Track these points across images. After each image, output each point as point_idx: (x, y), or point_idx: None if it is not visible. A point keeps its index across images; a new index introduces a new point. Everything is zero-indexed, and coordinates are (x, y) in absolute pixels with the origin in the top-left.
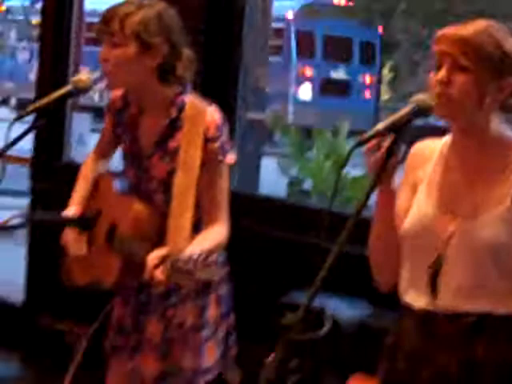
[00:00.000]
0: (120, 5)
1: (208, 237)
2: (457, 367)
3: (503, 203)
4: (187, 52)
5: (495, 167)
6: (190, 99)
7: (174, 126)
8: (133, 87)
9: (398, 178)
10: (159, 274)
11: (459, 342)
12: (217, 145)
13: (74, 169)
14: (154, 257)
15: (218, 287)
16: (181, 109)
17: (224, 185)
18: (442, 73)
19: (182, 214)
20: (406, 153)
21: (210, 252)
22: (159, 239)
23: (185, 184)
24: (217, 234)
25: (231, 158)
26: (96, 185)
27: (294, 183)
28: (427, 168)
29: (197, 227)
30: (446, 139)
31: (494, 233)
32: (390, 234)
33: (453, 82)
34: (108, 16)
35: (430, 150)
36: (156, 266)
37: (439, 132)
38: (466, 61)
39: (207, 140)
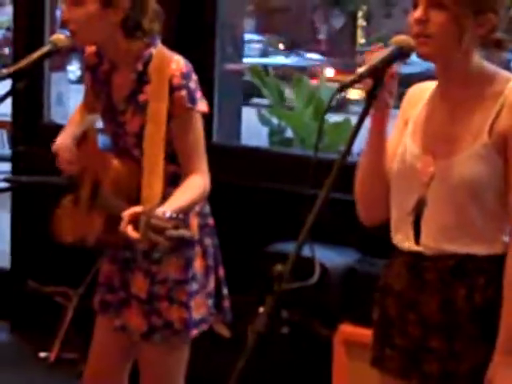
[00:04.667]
0: None
1: (185, 191)
2: (438, 312)
3: (479, 139)
4: (153, 5)
5: (474, 103)
6: (157, 51)
7: (142, 80)
8: (100, 44)
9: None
10: (132, 232)
11: (440, 286)
12: (183, 93)
13: (54, 129)
14: (127, 214)
15: (203, 240)
16: (148, 61)
17: (197, 133)
18: (419, 11)
19: (153, 170)
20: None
21: (188, 206)
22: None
23: (154, 137)
24: (194, 186)
25: (202, 105)
26: (83, 138)
27: (274, 133)
28: (418, 108)
29: (176, 179)
30: None
31: (470, 171)
32: (378, 167)
33: (430, 21)
34: None
35: (424, 91)
36: (130, 224)
37: None
38: None
39: (173, 89)
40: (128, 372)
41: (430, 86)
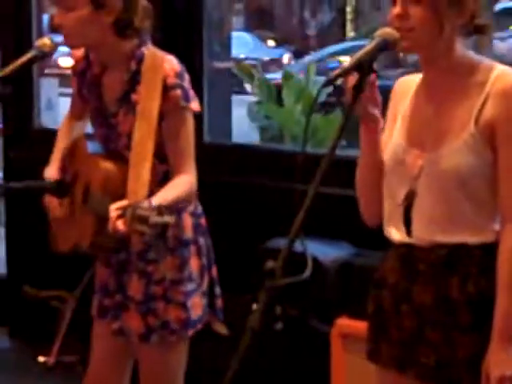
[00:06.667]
0: None
1: (171, 188)
2: (432, 302)
3: (466, 130)
4: (143, 3)
5: (459, 93)
6: (149, 50)
7: (134, 80)
8: (92, 46)
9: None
10: (120, 225)
11: (433, 276)
12: (178, 91)
13: (45, 134)
14: (114, 208)
15: (198, 239)
16: (140, 61)
17: (188, 132)
18: (398, 8)
19: (140, 164)
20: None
21: (173, 201)
22: None
23: (143, 133)
24: (182, 183)
25: (195, 104)
26: (73, 147)
27: (265, 129)
28: (406, 101)
29: (168, 178)
30: None
31: (458, 162)
32: (375, 168)
33: (410, 15)
34: None
35: (410, 84)
36: (118, 217)
37: None
38: None
39: (167, 88)
40: (129, 374)
41: (416, 78)
